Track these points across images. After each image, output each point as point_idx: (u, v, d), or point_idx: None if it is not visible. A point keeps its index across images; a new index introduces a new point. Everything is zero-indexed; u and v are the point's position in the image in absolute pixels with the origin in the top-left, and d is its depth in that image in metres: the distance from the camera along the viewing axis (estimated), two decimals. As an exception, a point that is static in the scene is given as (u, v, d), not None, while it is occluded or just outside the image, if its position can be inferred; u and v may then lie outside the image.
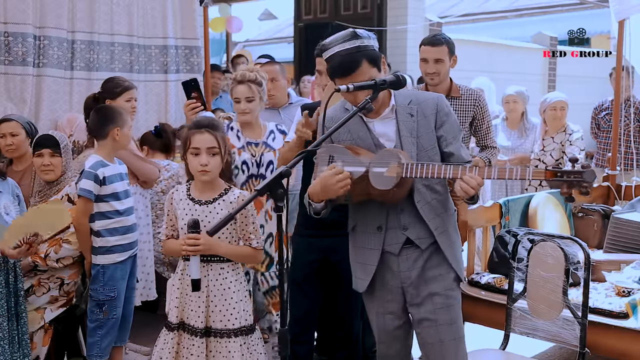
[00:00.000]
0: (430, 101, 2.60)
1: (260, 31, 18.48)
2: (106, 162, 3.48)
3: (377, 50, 2.53)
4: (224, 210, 2.85)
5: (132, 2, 4.88)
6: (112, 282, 3.48)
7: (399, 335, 2.69)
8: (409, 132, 2.55)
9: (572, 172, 2.20)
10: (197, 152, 2.84)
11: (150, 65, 5.03)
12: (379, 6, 9.50)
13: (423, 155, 2.53)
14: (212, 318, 2.85)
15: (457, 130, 2.63)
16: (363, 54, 2.46)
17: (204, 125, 2.88)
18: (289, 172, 2.14)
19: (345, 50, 2.45)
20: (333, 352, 3.58)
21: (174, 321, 2.89)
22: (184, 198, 2.90)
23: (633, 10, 5.09)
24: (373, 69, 2.49)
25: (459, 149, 2.61)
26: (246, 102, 3.72)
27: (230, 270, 2.90)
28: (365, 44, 2.47)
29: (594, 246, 4.44)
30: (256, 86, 3.71)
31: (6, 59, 4.40)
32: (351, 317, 3.37)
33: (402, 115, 2.57)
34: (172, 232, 2.95)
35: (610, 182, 5.28)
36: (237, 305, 2.88)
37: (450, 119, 2.61)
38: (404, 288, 2.62)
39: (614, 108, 5.50)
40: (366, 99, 2.41)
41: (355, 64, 2.45)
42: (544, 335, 3.18)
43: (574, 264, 3.40)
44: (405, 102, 2.59)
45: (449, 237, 2.63)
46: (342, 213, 3.25)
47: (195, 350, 2.83)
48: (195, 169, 2.85)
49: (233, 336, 2.84)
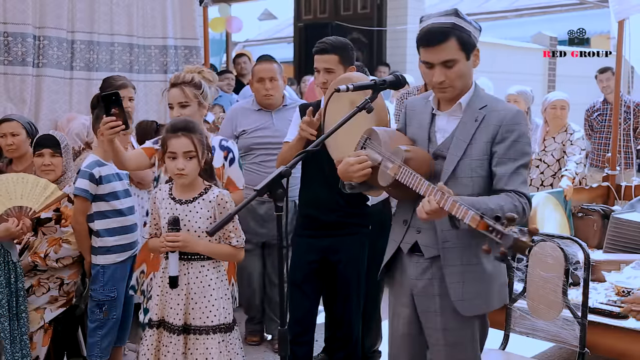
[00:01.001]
0: (502, 113, 2.40)
1: (260, 31, 18.49)
2: (104, 161, 3.49)
3: (475, 40, 2.39)
4: (203, 209, 2.86)
5: (132, 2, 4.88)
6: (112, 283, 3.48)
7: (409, 342, 2.59)
8: (464, 136, 2.41)
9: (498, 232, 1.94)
10: (173, 156, 2.84)
11: (150, 65, 5.03)
12: (379, 6, 9.51)
13: (465, 163, 2.39)
14: (192, 315, 2.87)
15: (517, 154, 2.36)
16: (456, 32, 2.33)
17: (179, 128, 2.86)
18: (289, 172, 2.13)
19: (439, 22, 2.36)
20: (332, 352, 3.59)
21: (155, 319, 2.91)
22: (166, 197, 2.93)
23: (633, 11, 5.09)
24: (461, 53, 2.35)
25: (510, 175, 2.35)
26: (179, 107, 3.20)
27: (210, 268, 2.92)
28: (463, 25, 2.35)
29: (594, 246, 4.44)
30: (192, 89, 3.21)
31: (6, 59, 4.41)
32: (350, 318, 3.37)
33: (468, 116, 2.43)
34: (155, 230, 2.97)
35: (610, 182, 5.29)
36: (216, 302, 2.89)
37: (513, 138, 2.36)
38: (414, 295, 2.54)
39: (614, 108, 5.51)
40: (366, 99, 2.40)
41: (442, 36, 2.33)
42: (543, 335, 3.18)
43: (574, 264, 3.40)
44: (479, 105, 2.43)
45: (463, 258, 2.40)
46: (340, 213, 3.27)
47: (173, 347, 2.84)
48: (172, 172, 2.87)
49: (212, 332, 2.85)
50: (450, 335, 2.46)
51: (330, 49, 3.21)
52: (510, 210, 2.26)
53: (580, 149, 5.19)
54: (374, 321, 3.98)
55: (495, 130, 2.37)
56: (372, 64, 9.09)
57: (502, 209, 2.24)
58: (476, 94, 2.46)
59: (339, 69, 3.20)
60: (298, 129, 3.17)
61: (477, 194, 2.37)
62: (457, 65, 2.37)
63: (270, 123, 4.14)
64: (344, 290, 3.33)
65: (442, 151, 2.45)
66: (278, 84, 4.12)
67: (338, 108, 2.74)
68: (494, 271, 2.45)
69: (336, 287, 3.36)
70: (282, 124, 4.00)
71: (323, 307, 3.58)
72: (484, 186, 2.40)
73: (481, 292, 2.43)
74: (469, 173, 2.38)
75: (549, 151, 5.31)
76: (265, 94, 4.09)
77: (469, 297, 2.42)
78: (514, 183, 2.34)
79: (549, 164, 5.26)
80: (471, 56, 2.40)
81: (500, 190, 2.35)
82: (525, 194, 2.35)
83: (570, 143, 5.21)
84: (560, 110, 5.30)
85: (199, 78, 3.25)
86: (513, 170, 2.35)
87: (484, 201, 2.26)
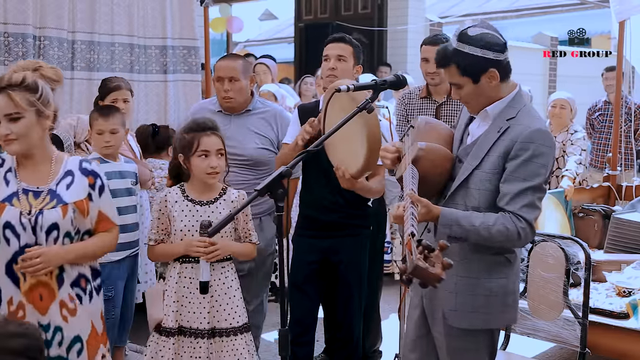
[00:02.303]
0: (520, 128, 2.30)
1: (260, 31, 18.48)
2: (104, 159, 3.49)
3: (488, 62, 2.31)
4: (225, 210, 2.86)
5: (132, 3, 4.88)
6: (109, 282, 3.46)
7: (419, 345, 2.58)
8: (484, 146, 2.34)
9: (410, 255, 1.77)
10: (206, 154, 2.84)
11: (151, 65, 5.03)
12: (380, 6, 9.51)
13: (478, 175, 2.33)
14: (217, 318, 2.85)
15: (527, 174, 2.25)
16: (455, 59, 2.33)
17: (209, 127, 2.89)
18: (289, 172, 2.13)
19: (445, 46, 2.38)
20: (332, 353, 3.58)
21: (172, 325, 2.86)
22: (179, 200, 2.89)
23: (634, 11, 5.09)
24: (463, 78, 2.34)
25: (513, 195, 2.25)
26: (8, 122, 2.33)
27: (229, 269, 2.92)
28: (466, 51, 2.30)
29: (595, 246, 4.44)
30: (26, 94, 2.35)
31: (6, 60, 4.40)
32: (351, 318, 3.37)
33: (494, 126, 2.36)
34: (162, 236, 2.92)
35: (610, 182, 5.28)
36: (239, 302, 2.91)
37: (525, 157, 2.25)
38: (423, 298, 2.54)
39: (614, 108, 5.51)
40: (366, 99, 2.40)
41: (443, 61, 2.37)
42: (544, 335, 3.19)
43: (575, 264, 3.40)
44: (508, 115, 2.35)
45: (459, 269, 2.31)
46: (342, 214, 3.27)
47: (198, 352, 2.82)
48: (203, 170, 2.84)
49: (239, 334, 2.87)
50: (452, 341, 2.44)
51: (348, 40, 3.32)
52: (498, 231, 2.23)
53: (581, 149, 5.19)
54: (373, 321, 3.98)
55: (510, 145, 2.29)
56: (373, 64, 9.10)
57: (488, 229, 2.23)
58: (511, 104, 2.37)
59: (350, 61, 3.27)
60: (296, 129, 3.18)
61: (483, 207, 2.32)
62: (463, 88, 2.35)
63: (227, 128, 3.38)
64: (345, 291, 3.33)
65: (463, 156, 2.43)
66: (240, 85, 3.48)
67: (339, 108, 2.73)
68: (499, 290, 2.39)
69: (337, 288, 3.36)
70: (239, 132, 3.46)
71: (322, 308, 3.58)
72: (490, 201, 2.32)
73: (477, 307, 2.38)
74: (479, 185, 2.34)
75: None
76: (224, 97, 3.49)
77: (463, 309, 2.38)
78: (515, 205, 2.25)
79: (549, 163, 5.26)
80: (481, 79, 2.33)
81: (500, 209, 2.28)
82: (526, 218, 2.24)
83: (571, 143, 5.21)
84: (559, 110, 5.30)
85: (33, 78, 2.41)
86: (519, 191, 2.25)
87: (470, 217, 2.25)
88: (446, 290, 2.37)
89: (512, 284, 2.43)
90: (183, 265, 2.86)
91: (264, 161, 3.50)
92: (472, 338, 2.43)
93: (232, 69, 3.45)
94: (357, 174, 2.78)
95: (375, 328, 4.04)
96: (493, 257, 2.38)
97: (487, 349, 2.47)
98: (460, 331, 2.42)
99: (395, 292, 4.27)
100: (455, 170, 2.42)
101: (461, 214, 2.27)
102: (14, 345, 1.59)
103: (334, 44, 3.29)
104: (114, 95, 3.97)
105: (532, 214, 2.27)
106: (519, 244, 2.32)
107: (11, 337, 1.61)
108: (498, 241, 2.28)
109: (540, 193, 2.30)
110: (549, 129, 2.40)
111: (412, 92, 4.04)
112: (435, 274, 1.71)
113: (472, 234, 2.25)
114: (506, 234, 2.23)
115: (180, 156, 2.90)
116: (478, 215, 2.27)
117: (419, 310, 2.56)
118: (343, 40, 3.30)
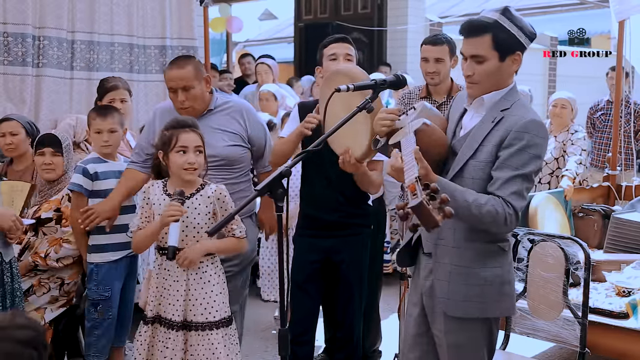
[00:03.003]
0: (515, 118, 2.31)
1: (260, 31, 18.48)
2: (103, 159, 3.50)
3: (519, 44, 2.34)
4: (202, 205, 2.88)
5: (132, 3, 4.89)
6: (105, 282, 3.47)
7: (419, 342, 2.58)
8: (478, 136, 2.35)
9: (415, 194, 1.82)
10: (184, 149, 2.86)
11: (150, 65, 5.04)
12: (379, 6, 9.50)
13: (472, 164, 2.35)
14: (193, 312, 2.87)
15: (519, 163, 2.27)
16: (494, 30, 2.29)
17: (188, 124, 2.92)
18: (289, 172, 2.13)
19: (483, 16, 2.33)
20: (332, 353, 3.58)
21: (150, 315, 2.91)
22: (159, 194, 2.93)
23: (633, 11, 5.09)
24: (493, 52, 2.31)
25: (504, 181, 2.27)
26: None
27: (209, 264, 2.93)
28: (506, 25, 2.30)
29: (594, 246, 4.44)
30: None
31: (5, 59, 4.41)
32: (351, 318, 3.37)
33: (488, 116, 2.37)
34: (145, 224, 2.94)
35: (610, 182, 5.28)
36: (217, 297, 2.90)
37: (519, 146, 2.27)
38: (422, 295, 2.54)
39: (614, 108, 5.51)
40: (366, 99, 2.40)
41: (478, 30, 2.31)
42: (544, 335, 3.19)
43: (574, 264, 3.40)
44: (503, 106, 2.36)
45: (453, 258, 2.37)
46: (342, 213, 3.26)
47: (171, 343, 2.84)
48: (181, 166, 2.87)
49: (215, 328, 2.87)
50: (450, 337, 2.45)
51: (350, 40, 3.35)
52: (488, 212, 2.24)
53: (581, 149, 5.18)
54: (373, 321, 3.98)
55: (505, 134, 2.30)
56: (373, 64, 9.09)
57: (479, 207, 2.23)
58: (506, 97, 2.38)
59: (354, 61, 3.30)
60: (295, 126, 3.18)
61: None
62: (486, 62, 2.33)
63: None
64: (347, 291, 3.33)
65: (456, 148, 2.43)
66: (195, 92, 3.24)
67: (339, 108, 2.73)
68: (494, 279, 2.39)
69: (338, 288, 3.36)
70: (205, 133, 3.06)
71: (322, 307, 3.57)
72: (484, 190, 2.34)
73: (471, 296, 2.38)
74: (473, 174, 2.36)
75: (548, 149, 5.31)
76: (180, 107, 3.26)
77: (455, 298, 2.39)
78: (505, 191, 2.26)
79: (547, 162, 5.26)
80: (507, 58, 2.33)
81: (490, 194, 2.29)
82: (513, 205, 2.26)
83: (571, 143, 5.20)
84: (560, 109, 5.29)
85: None
86: (509, 178, 2.27)
87: (464, 192, 2.25)
88: (440, 279, 2.40)
89: (507, 273, 2.43)
90: (163, 256, 2.88)
91: (237, 159, 3.36)
92: (469, 330, 2.43)
93: (182, 78, 3.21)
94: (362, 156, 2.80)
95: (375, 328, 4.04)
96: (486, 246, 2.38)
97: (484, 340, 2.46)
98: (458, 325, 2.42)
99: (394, 292, 4.27)
100: (448, 162, 2.43)
101: (456, 187, 2.27)
102: (21, 336, 1.70)
103: (340, 44, 3.29)
104: (111, 95, 3.97)
105: (519, 202, 2.29)
106: (503, 229, 2.33)
107: (19, 329, 1.72)
108: (486, 222, 2.27)
109: (528, 183, 2.32)
110: (542, 121, 2.40)
111: (411, 92, 4.04)
112: (435, 217, 1.75)
113: (463, 210, 2.24)
114: (495, 217, 2.24)
115: (160, 152, 2.93)
116: (472, 193, 2.28)
117: (419, 307, 2.56)
118: (347, 41, 3.33)
